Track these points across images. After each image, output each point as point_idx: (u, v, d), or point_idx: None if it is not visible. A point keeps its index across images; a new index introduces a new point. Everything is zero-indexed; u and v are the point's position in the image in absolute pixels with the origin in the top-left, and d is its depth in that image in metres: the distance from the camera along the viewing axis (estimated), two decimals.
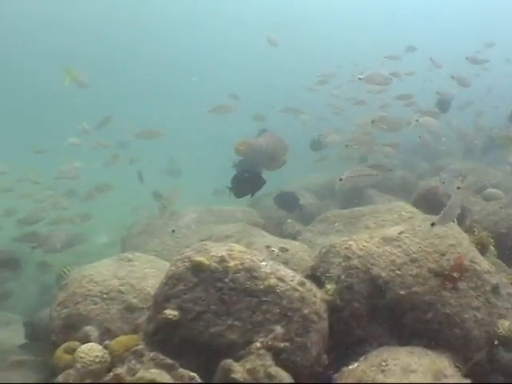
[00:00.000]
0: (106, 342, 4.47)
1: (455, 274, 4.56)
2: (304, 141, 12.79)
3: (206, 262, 4.26)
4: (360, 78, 8.43)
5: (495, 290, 4.75)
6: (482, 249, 5.38)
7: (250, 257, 4.40)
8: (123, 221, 12.51)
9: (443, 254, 4.69)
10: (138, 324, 4.67)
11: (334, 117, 17.58)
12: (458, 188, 7.92)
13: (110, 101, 33.59)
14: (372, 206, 7.73)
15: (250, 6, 43.98)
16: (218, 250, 4.41)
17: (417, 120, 10.83)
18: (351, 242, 4.78)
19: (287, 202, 9.99)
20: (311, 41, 40.99)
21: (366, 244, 4.77)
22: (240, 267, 4.27)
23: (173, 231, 8.59)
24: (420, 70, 15.50)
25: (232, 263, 4.28)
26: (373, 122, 8.67)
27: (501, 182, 10.69)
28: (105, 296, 5.15)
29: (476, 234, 5.62)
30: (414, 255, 4.66)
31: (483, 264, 4.84)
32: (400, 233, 4.91)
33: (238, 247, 4.54)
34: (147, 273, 5.66)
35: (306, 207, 10.76)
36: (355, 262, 4.61)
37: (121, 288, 5.25)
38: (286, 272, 4.38)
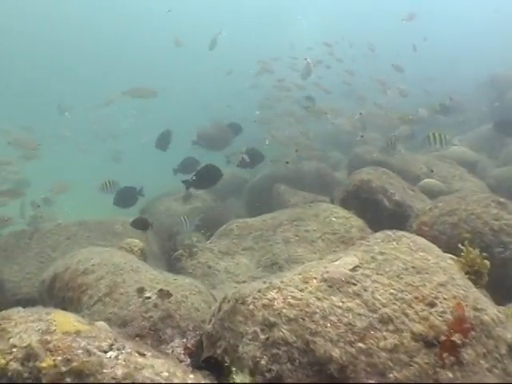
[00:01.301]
0: None
1: (457, 338, 2.59)
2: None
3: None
4: None
5: None
6: (476, 280, 3.46)
7: (84, 343, 2.22)
8: None
9: (432, 304, 2.70)
10: None
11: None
12: None
13: None
14: (290, 211, 5.72)
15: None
16: (26, 331, 2.24)
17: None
18: (274, 294, 2.68)
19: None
20: None
21: (299, 294, 2.68)
22: (63, 369, 2.11)
23: None
24: None
25: (47, 362, 2.12)
26: None
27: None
28: None
29: (464, 255, 3.68)
30: (384, 310, 2.63)
31: (490, 309, 2.90)
32: (354, 268, 2.87)
33: (63, 323, 2.35)
34: None
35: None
36: (284, 331, 2.52)
37: None
38: (154, 370, 2.24)
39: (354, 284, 2.75)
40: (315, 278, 2.80)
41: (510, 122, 10.98)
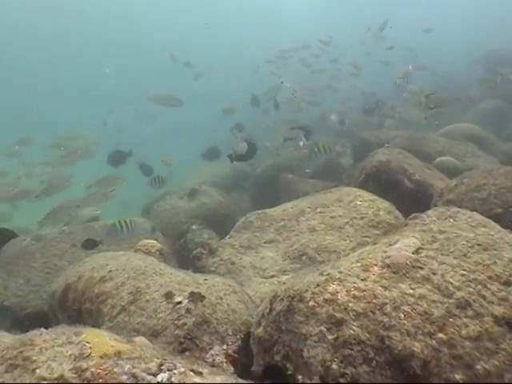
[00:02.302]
0: None
1: None
2: None
3: None
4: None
5: None
6: None
7: (128, 367, 1.91)
8: None
9: (508, 283, 2.40)
10: None
11: None
12: None
13: None
14: (311, 198, 5.40)
15: None
16: (54, 359, 1.91)
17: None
18: (335, 287, 2.37)
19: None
20: None
21: (362, 285, 2.38)
22: None
23: None
24: None
25: None
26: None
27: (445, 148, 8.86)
28: None
29: None
30: (459, 294, 2.33)
31: None
32: (417, 250, 2.57)
33: (98, 344, 2.02)
34: None
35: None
36: (354, 328, 2.21)
37: None
38: None
39: (421, 268, 2.45)
40: (376, 264, 2.49)
41: None
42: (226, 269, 4.58)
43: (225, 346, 3.03)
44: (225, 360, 2.99)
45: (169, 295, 3.26)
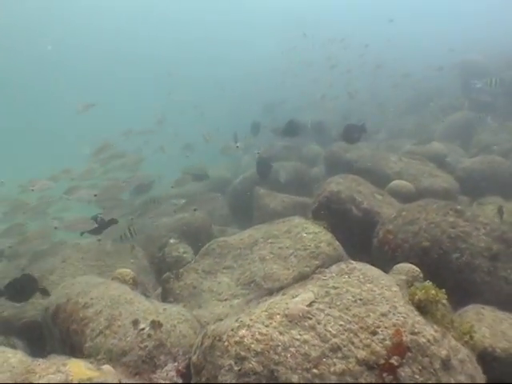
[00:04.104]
0: None
1: (395, 361, 3.19)
2: None
3: None
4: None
5: (446, 363, 3.44)
6: (429, 308, 3.90)
7: None
8: None
9: (374, 332, 3.29)
10: None
11: None
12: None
13: None
14: (265, 228, 6.25)
15: None
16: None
17: None
18: (244, 332, 3.26)
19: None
20: None
21: (264, 330, 3.26)
22: None
23: None
24: None
25: None
26: None
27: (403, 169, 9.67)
28: None
29: (420, 291, 3.94)
30: (334, 340, 3.22)
31: (427, 331, 3.49)
32: (310, 304, 3.45)
33: (77, 372, 2.95)
34: None
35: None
36: (253, 363, 3.11)
37: None
38: None
39: (310, 318, 3.33)
40: (278, 313, 3.38)
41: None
42: (189, 292, 5.47)
43: (176, 364, 3.98)
44: (175, 374, 3.93)
45: (135, 322, 4.20)
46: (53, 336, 5.38)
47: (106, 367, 3.38)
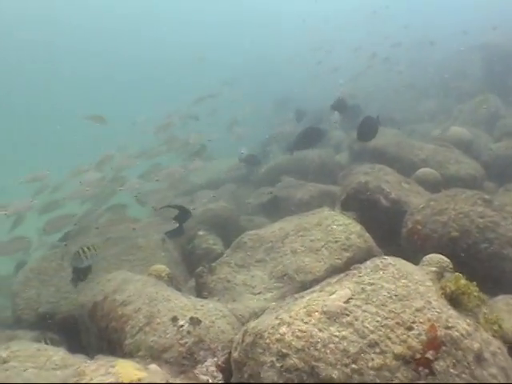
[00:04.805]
0: None
1: (430, 355, 3.31)
2: None
3: None
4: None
5: (479, 356, 3.55)
6: (460, 300, 3.98)
7: None
8: None
9: (410, 328, 3.40)
10: None
11: None
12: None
13: None
14: (296, 221, 6.37)
15: None
16: None
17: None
18: (284, 329, 3.40)
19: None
20: None
21: (304, 327, 3.40)
22: None
23: None
24: None
25: None
26: None
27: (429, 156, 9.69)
28: None
29: (451, 283, 4.05)
30: (371, 336, 3.34)
31: (460, 325, 3.59)
32: (347, 300, 3.58)
33: (126, 373, 3.11)
34: (27, 378, 4.01)
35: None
36: (294, 360, 3.25)
37: None
38: None
39: (347, 315, 3.45)
40: (317, 310, 3.51)
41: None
42: (223, 286, 5.63)
43: (215, 359, 4.13)
44: (215, 369, 4.09)
45: (174, 319, 4.36)
46: (89, 332, 5.59)
47: (153, 367, 3.54)
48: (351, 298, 3.59)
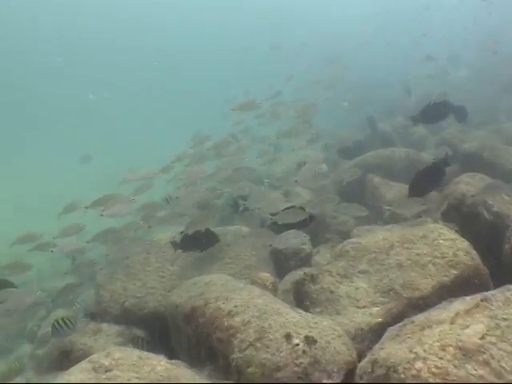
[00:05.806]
0: None
1: None
2: None
3: None
4: None
5: None
6: None
7: None
8: None
9: None
10: None
11: None
12: None
13: None
14: (399, 231, 6.26)
15: None
16: None
17: None
18: (420, 364, 3.36)
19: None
20: None
21: (439, 363, 3.35)
22: None
23: None
24: None
25: None
26: None
27: None
28: None
29: None
30: (509, 377, 3.26)
31: None
32: (482, 337, 3.50)
33: None
34: None
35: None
36: None
37: None
38: None
39: (484, 352, 3.37)
40: (451, 345, 3.44)
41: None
42: (326, 297, 5.60)
43: (331, 381, 4.10)
44: None
45: (288, 337, 4.32)
46: (181, 333, 5.63)
47: None
48: (486, 334, 3.51)
